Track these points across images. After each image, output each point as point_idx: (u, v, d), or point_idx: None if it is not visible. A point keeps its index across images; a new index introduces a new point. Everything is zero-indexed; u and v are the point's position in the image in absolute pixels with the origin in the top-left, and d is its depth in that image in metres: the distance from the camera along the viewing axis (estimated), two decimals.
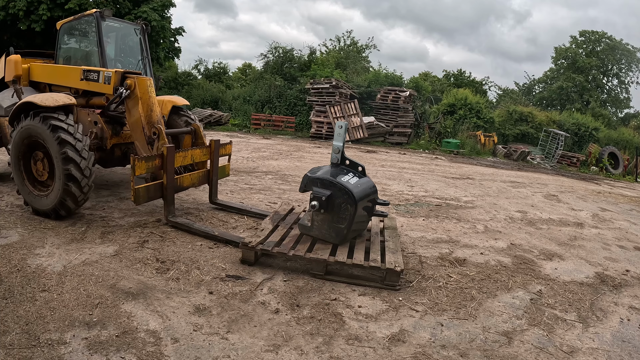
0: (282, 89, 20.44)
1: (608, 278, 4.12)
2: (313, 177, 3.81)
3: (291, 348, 2.55)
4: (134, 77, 4.73)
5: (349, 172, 3.91)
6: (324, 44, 32.25)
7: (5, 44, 18.11)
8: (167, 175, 4.41)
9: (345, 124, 3.96)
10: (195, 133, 5.39)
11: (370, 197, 3.85)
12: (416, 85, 20.94)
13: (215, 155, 5.17)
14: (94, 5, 16.78)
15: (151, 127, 4.64)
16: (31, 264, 3.42)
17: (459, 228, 5.42)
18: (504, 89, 31.80)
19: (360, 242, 3.93)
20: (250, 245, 3.67)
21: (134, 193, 4.14)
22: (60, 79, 5.61)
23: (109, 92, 4.88)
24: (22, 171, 4.75)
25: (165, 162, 4.36)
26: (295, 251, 3.63)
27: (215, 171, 5.26)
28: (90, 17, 5.52)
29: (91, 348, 2.40)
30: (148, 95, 4.73)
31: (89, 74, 5.09)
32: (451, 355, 2.59)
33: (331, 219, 3.73)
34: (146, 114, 4.68)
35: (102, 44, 5.37)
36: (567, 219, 6.56)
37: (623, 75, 32.20)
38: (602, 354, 2.77)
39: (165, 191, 4.48)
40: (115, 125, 5.32)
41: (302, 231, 3.99)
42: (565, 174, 14.45)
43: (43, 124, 4.34)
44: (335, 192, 3.65)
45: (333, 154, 4.02)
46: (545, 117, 20.16)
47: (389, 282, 3.42)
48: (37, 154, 4.67)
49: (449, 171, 11.06)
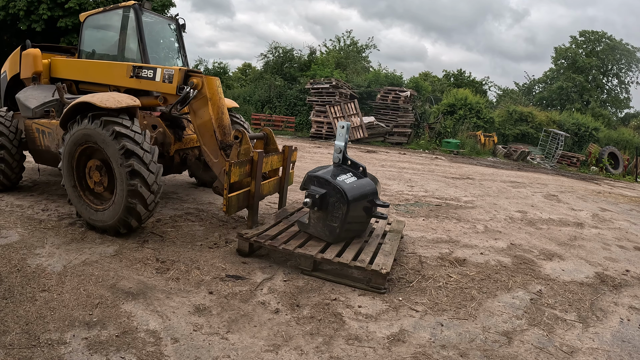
0: (282, 89, 20.45)
1: (608, 278, 4.12)
2: (312, 175, 3.86)
3: (291, 348, 2.55)
4: (201, 76, 4.33)
5: (349, 172, 3.93)
6: (324, 44, 32.31)
7: (5, 44, 18.13)
8: (256, 182, 4.15)
9: (347, 124, 3.97)
10: (268, 138, 4.89)
11: (368, 197, 3.84)
12: (416, 85, 20.96)
13: (288, 162, 4.83)
14: (93, 5, 16.79)
15: (222, 131, 4.31)
16: (31, 264, 3.41)
17: (459, 228, 5.42)
18: (504, 89, 31.85)
19: (356, 243, 3.91)
20: (245, 237, 3.74)
21: (226, 202, 3.82)
22: (95, 76, 5.07)
23: (170, 92, 4.41)
24: (75, 181, 4.23)
25: (255, 168, 4.10)
26: (287, 245, 3.65)
27: (287, 178, 4.93)
28: (127, 9, 5.05)
29: (91, 348, 2.40)
30: (218, 96, 4.36)
31: (141, 70, 4.58)
32: (451, 355, 2.59)
33: (325, 217, 3.76)
34: (217, 116, 4.31)
35: (142, 38, 4.95)
36: (567, 219, 6.55)
37: (623, 75, 32.22)
38: (602, 354, 2.77)
39: (251, 200, 4.20)
40: (176, 129, 4.90)
41: (300, 228, 4.02)
42: (565, 174, 14.45)
43: (104, 129, 3.82)
44: (329, 191, 3.68)
45: (335, 154, 4.05)
46: (545, 117, 20.17)
47: (374, 284, 3.35)
48: (94, 163, 4.15)
49: (449, 171, 11.06)
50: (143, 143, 3.87)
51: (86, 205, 4.18)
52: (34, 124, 5.03)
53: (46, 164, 5.35)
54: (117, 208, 3.89)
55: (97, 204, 4.16)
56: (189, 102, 4.31)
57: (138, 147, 3.80)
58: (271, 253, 3.93)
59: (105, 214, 4.01)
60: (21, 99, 5.17)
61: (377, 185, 4.02)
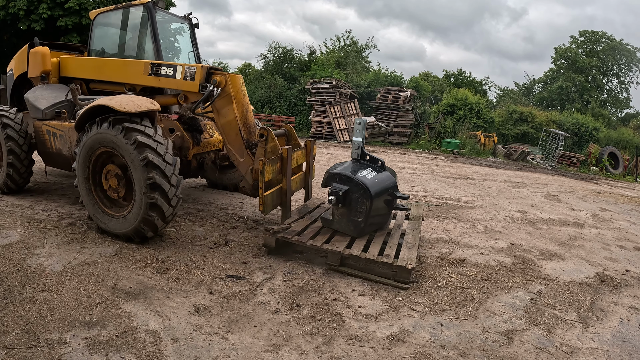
0: (282, 89, 20.44)
1: (608, 278, 4.12)
2: (333, 172, 3.92)
3: (291, 348, 2.55)
4: (224, 73, 4.24)
5: (368, 167, 3.98)
6: (324, 44, 32.32)
7: (5, 43, 18.13)
8: (287, 178, 4.11)
9: (363, 120, 4.03)
10: (289, 135, 4.80)
11: (389, 191, 3.92)
12: (416, 85, 20.96)
13: (310, 156, 4.79)
14: (94, 5, 16.78)
15: (248, 129, 4.24)
16: (31, 264, 3.41)
17: (459, 228, 5.41)
18: (504, 89, 31.85)
19: (379, 236, 4.01)
20: (271, 232, 3.79)
21: (262, 201, 3.77)
22: (110, 74, 4.94)
23: (192, 90, 4.29)
24: (91, 187, 4.10)
25: (285, 165, 4.05)
26: (314, 241, 3.73)
27: (310, 173, 4.86)
28: (140, 7, 4.97)
29: (91, 348, 2.40)
30: (242, 94, 4.28)
31: (160, 68, 4.46)
32: (451, 355, 2.59)
33: (349, 212, 3.84)
34: (242, 114, 4.24)
35: (157, 37, 4.87)
36: (567, 219, 6.55)
37: (623, 75, 32.24)
38: (602, 354, 2.77)
39: (284, 197, 4.15)
40: (194, 133, 4.77)
41: (324, 224, 4.08)
42: (565, 174, 14.45)
43: (125, 136, 3.66)
44: (352, 187, 3.75)
45: (353, 150, 4.10)
46: (545, 117, 20.16)
47: (400, 278, 3.44)
48: (111, 168, 3.99)
49: (449, 171, 11.06)
50: (165, 154, 3.73)
51: (101, 211, 4.05)
52: (44, 125, 4.88)
53: (57, 167, 5.21)
54: (134, 217, 3.77)
55: (113, 211, 4.03)
56: (212, 101, 4.19)
57: (160, 159, 3.66)
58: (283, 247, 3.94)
59: (121, 222, 3.89)
60: (30, 99, 5.02)
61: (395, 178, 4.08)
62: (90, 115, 4.01)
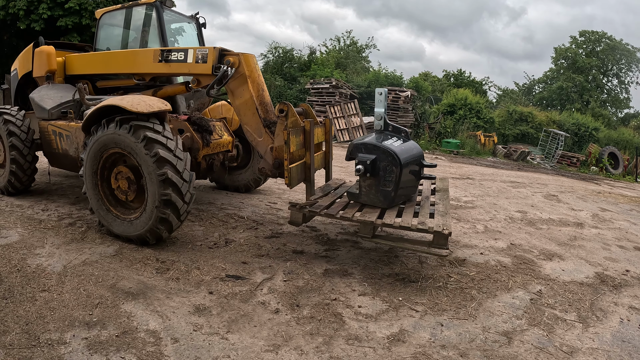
0: (282, 89, 20.45)
1: (608, 278, 4.12)
2: (358, 143, 3.79)
3: (291, 348, 2.55)
4: (237, 54, 4.18)
5: (393, 136, 3.91)
6: (324, 44, 32.32)
7: (5, 43, 18.13)
8: (311, 153, 3.98)
9: (384, 90, 3.95)
10: (307, 113, 4.59)
11: (417, 160, 3.84)
12: (416, 85, 20.97)
13: (330, 135, 4.63)
14: (93, 5, 16.79)
15: (265, 108, 4.17)
16: (31, 264, 3.41)
17: (458, 228, 5.41)
18: (504, 89, 31.88)
19: (409, 206, 3.91)
20: (298, 207, 3.65)
21: (288, 174, 3.65)
22: (118, 66, 4.90)
23: (205, 72, 4.25)
24: (100, 191, 4.01)
25: (309, 138, 3.93)
26: (344, 213, 3.60)
27: (330, 152, 4.68)
28: (148, 6, 4.94)
29: (91, 348, 2.40)
30: (257, 73, 4.23)
31: (171, 54, 4.40)
32: (451, 355, 2.59)
33: (378, 182, 3.69)
34: (258, 93, 4.17)
35: (164, 36, 4.84)
36: (567, 219, 6.55)
37: (623, 75, 32.28)
38: (602, 354, 2.77)
39: (307, 172, 3.98)
40: (204, 133, 4.71)
41: (351, 199, 3.94)
42: (565, 174, 14.45)
43: (133, 135, 3.61)
44: (379, 156, 3.62)
45: (376, 121, 4.02)
46: (545, 117, 20.18)
47: (437, 244, 3.30)
48: (121, 170, 3.92)
49: (449, 171, 11.07)
50: (176, 150, 3.68)
51: (112, 215, 3.97)
52: (50, 125, 4.82)
53: (63, 168, 5.15)
54: (148, 218, 3.70)
55: (124, 214, 3.96)
56: (226, 82, 4.15)
57: (171, 155, 3.61)
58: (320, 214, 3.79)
59: (134, 224, 3.82)
60: (36, 99, 4.98)
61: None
62: (99, 115, 3.94)
